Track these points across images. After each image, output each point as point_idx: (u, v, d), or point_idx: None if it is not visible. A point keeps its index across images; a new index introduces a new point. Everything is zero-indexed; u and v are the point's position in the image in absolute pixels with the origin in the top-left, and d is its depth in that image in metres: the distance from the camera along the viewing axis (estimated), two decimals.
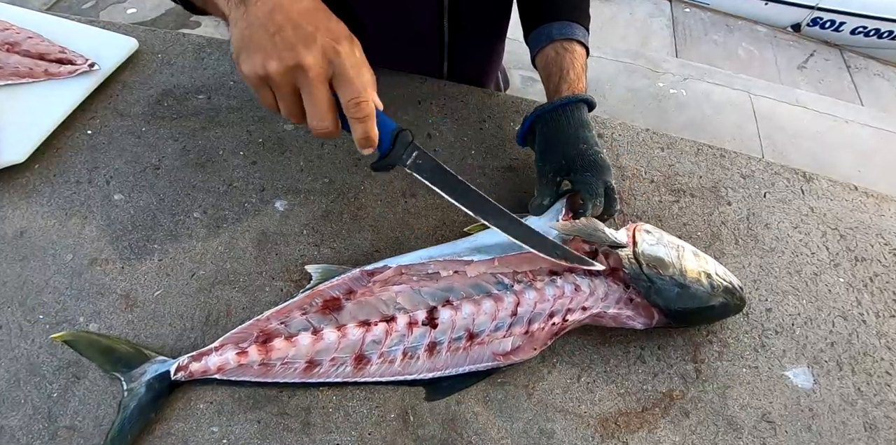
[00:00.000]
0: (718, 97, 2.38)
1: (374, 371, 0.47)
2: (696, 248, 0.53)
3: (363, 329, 0.47)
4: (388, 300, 0.49)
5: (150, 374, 0.46)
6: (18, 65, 0.60)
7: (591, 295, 0.49)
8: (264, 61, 0.38)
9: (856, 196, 0.68)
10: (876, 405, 0.52)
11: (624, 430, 0.48)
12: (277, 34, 0.38)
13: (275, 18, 0.38)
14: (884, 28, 3.22)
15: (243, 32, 0.39)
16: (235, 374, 0.46)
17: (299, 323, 0.48)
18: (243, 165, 0.59)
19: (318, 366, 0.47)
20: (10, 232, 0.53)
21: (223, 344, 0.47)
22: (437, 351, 0.48)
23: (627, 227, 0.53)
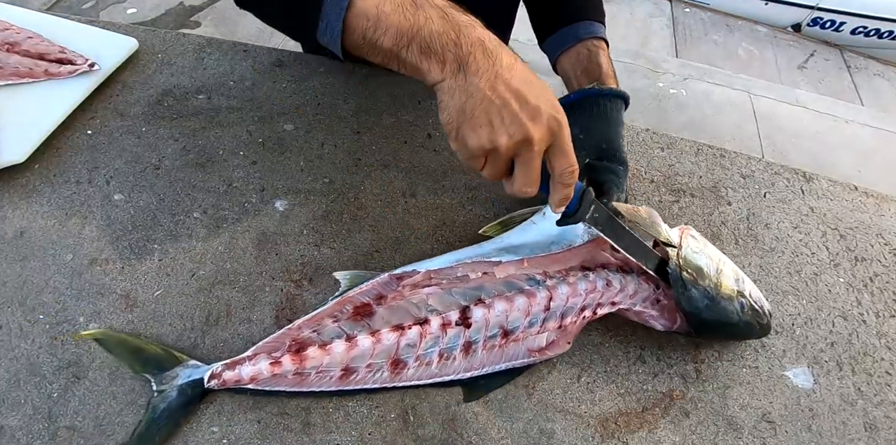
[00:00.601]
0: (718, 97, 2.38)
1: (411, 375, 0.47)
2: (734, 265, 0.53)
3: (397, 333, 0.47)
4: (420, 302, 0.48)
5: (183, 379, 0.45)
6: (18, 65, 0.60)
7: (622, 291, 0.50)
8: (492, 136, 0.38)
9: (856, 196, 0.68)
10: (876, 405, 0.52)
11: (624, 430, 0.48)
12: (504, 108, 0.37)
13: (498, 90, 0.37)
14: (884, 28, 3.22)
15: (464, 105, 0.38)
16: (269, 384, 0.46)
17: (332, 330, 0.47)
18: (243, 165, 0.59)
19: (354, 373, 0.46)
20: (10, 232, 0.53)
21: (256, 354, 0.46)
22: (473, 350, 0.48)
23: (679, 228, 0.53)
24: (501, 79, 0.38)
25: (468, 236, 0.57)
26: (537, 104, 0.38)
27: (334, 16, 0.39)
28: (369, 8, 0.38)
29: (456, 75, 0.38)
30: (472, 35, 0.38)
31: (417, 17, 0.38)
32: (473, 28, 0.38)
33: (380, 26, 0.38)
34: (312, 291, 0.52)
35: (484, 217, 0.59)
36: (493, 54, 0.38)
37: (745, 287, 0.51)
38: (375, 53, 0.40)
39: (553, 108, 0.39)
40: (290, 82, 0.67)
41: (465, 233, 0.57)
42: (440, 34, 0.38)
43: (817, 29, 3.34)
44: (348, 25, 0.39)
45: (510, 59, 0.39)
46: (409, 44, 0.38)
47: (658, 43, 3.03)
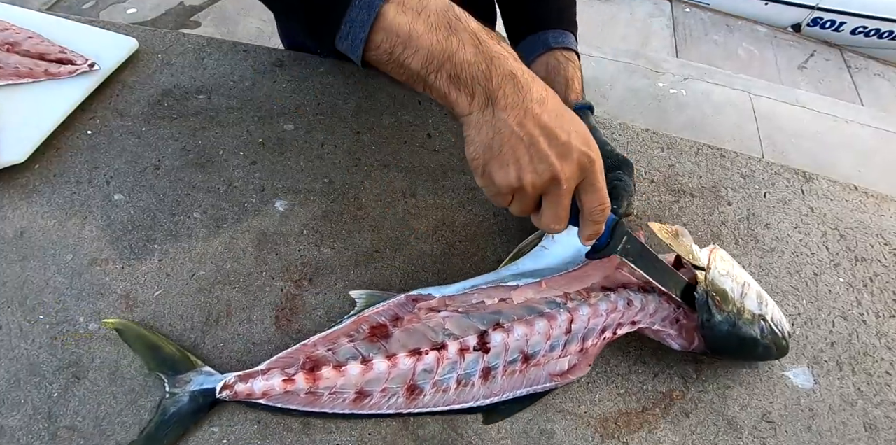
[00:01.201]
0: (718, 97, 2.38)
1: (427, 402, 0.46)
2: (759, 287, 0.52)
3: (414, 358, 0.46)
4: (436, 326, 0.47)
5: (196, 386, 0.45)
6: (18, 65, 0.60)
7: (642, 310, 0.49)
8: (520, 174, 0.37)
9: (856, 196, 0.68)
10: (876, 405, 0.52)
11: (624, 430, 0.48)
12: (532, 146, 0.36)
13: (527, 127, 0.36)
14: (884, 28, 3.22)
15: (491, 141, 0.37)
16: (282, 401, 0.45)
17: (347, 350, 0.47)
18: (243, 165, 0.59)
19: (368, 397, 0.46)
20: (10, 232, 0.53)
21: (269, 368, 0.46)
22: (493, 376, 0.47)
23: (709, 248, 0.52)
24: (531, 114, 0.36)
25: (468, 236, 0.57)
26: (567, 140, 0.37)
27: (360, 23, 0.36)
28: (401, 24, 0.36)
29: (484, 110, 0.37)
30: (504, 67, 0.36)
31: (451, 41, 0.36)
32: (506, 60, 0.37)
33: (409, 45, 0.36)
34: (312, 291, 0.52)
35: (484, 217, 0.59)
36: (523, 88, 0.36)
37: (767, 310, 0.50)
38: (400, 72, 0.38)
39: (585, 144, 0.37)
40: (290, 82, 0.67)
41: (465, 233, 0.57)
42: (471, 64, 0.36)
43: (817, 29, 3.34)
44: (373, 39, 0.37)
45: (542, 93, 0.37)
46: (438, 69, 0.36)
47: (658, 43, 3.04)
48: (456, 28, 0.36)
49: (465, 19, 0.37)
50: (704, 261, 0.50)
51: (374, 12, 0.35)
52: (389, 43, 0.36)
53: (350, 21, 0.36)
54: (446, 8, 0.37)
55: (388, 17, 0.36)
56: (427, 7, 0.36)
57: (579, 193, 0.39)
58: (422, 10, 0.36)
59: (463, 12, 0.38)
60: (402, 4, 0.36)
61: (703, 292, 0.48)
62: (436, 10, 0.36)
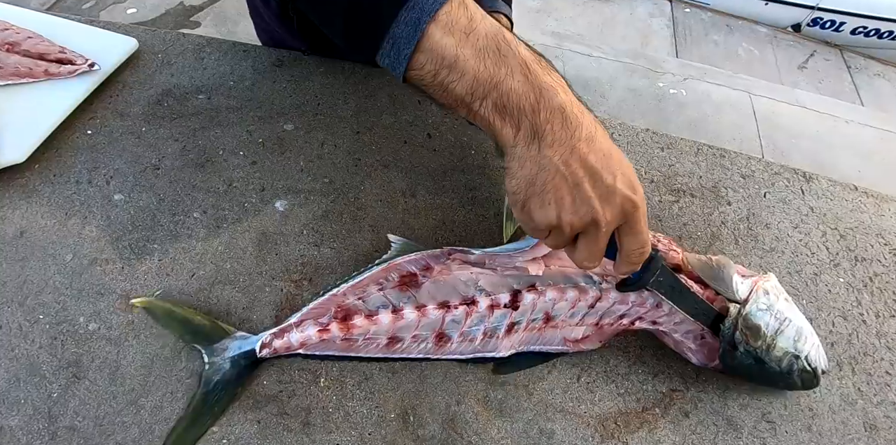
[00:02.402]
0: (718, 97, 2.38)
1: (454, 349, 0.48)
2: (806, 321, 0.49)
3: (443, 310, 0.48)
4: (469, 281, 0.48)
5: (235, 351, 0.46)
6: (18, 65, 0.60)
7: (669, 315, 0.49)
8: (560, 213, 0.36)
9: (856, 196, 0.68)
10: (876, 405, 0.52)
11: (624, 430, 0.48)
12: (576, 187, 0.35)
13: (572, 167, 0.35)
14: (884, 28, 3.22)
15: (534, 177, 0.35)
16: (319, 349, 0.47)
17: (377, 299, 0.48)
18: (243, 165, 0.59)
19: (400, 342, 0.48)
20: (10, 232, 0.53)
21: (302, 320, 0.48)
22: (516, 330, 0.49)
23: (755, 278, 0.50)
24: (578, 153, 0.35)
25: (468, 236, 0.57)
26: (612, 183, 0.35)
27: (404, 40, 0.34)
28: (447, 46, 0.34)
29: (529, 144, 0.35)
30: (554, 100, 0.35)
31: (499, 68, 0.34)
32: (556, 93, 0.35)
33: (455, 69, 0.34)
34: (312, 291, 0.52)
35: (484, 217, 0.59)
36: (572, 124, 0.35)
37: (803, 348, 0.48)
38: (443, 95, 0.36)
39: (629, 188, 0.36)
40: (290, 82, 0.67)
41: (465, 233, 0.57)
42: (519, 95, 0.34)
43: (817, 29, 3.34)
44: (417, 58, 0.35)
45: (590, 130, 0.36)
46: (484, 97, 0.35)
47: (658, 43, 3.04)
48: (505, 54, 0.35)
49: (516, 45, 0.35)
50: (744, 293, 0.49)
51: (421, 30, 0.34)
52: (434, 65, 0.35)
53: (393, 37, 0.35)
54: (496, 32, 0.35)
55: (434, 37, 0.34)
56: (476, 30, 0.35)
57: (619, 234, 0.38)
58: (470, 33, 0.34)
59: (513, 37, 0.36)
60: (450, 24, 0.34)
61: (730, 325, 0.47)
62: (485, 33, 0.35)
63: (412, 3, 0.34)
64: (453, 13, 0.34)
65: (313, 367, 0.48)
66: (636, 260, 0.39)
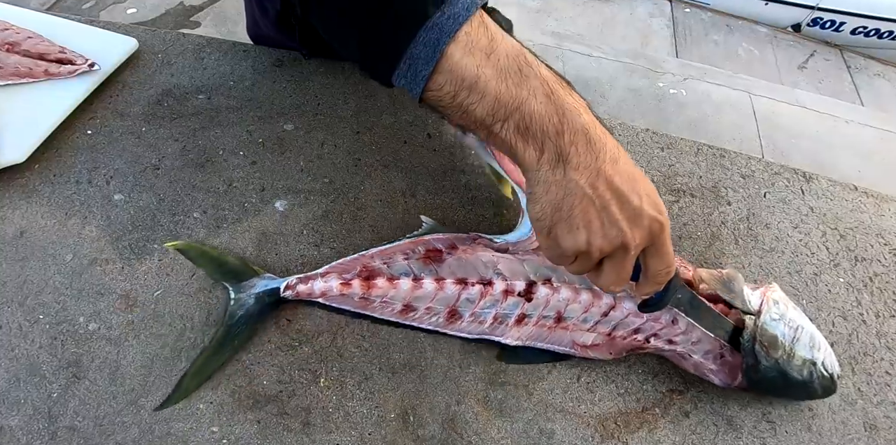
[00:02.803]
0: (718, 97, 2.38)
1: (463, 327, 0.50)
2: (815, 328, 0.50)
3: (460, 286, 0.49)
4: (489, 263, 0.50)
5: (260, 288, 0.49)
6: (18, 65, 0.60)
7: (685, 333, 0.48)
8: (590, 239, 0.35)
9: (856, 196, 0.68)
10: (876, 405, 0.52)
11: (624, 430, 0.48)
12: (604, 210, 0.34)
13: (599, 190, 0.34)
14: (884, 28, 3.22)
15: (561, 202, 0.35)
16: (337, 302, 0.50)
17: (401, 266, 0.50)
18: (243, 165, 0.59)
19: (413, 311, 0.49)
20: (10, 232, 0.53)
21: (328, 272, 0.50)
22: (526, 322, 0.49)
23: (763, 289, 0.51)
24: (603, 176, 0.34)
25: None
26: (639, 205, 0.35)
27: (423, 60, 0.33)
28: (467, 67, 0.33)
29: (554, 168, 0.34)
30: (577, 122, 0.34)
31: (521, 89, 0.33)
32: (579, 114, 0.34)
33: (475, 90, 0.33)
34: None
35: (484, 217, 0.59)
36: (596, 146, 0.34)
37: (818, 355, 0.48)
38: (462, 117, 0.35)
39: (655, 209, 0.36)
40: (290, 82, 0.67)
41: None
42: (542, 116, 0.33)
43: (817, 29, 3.34)
44: (436, 79, 0.34)
45: (614, 152, 0.35)
46: (505, 119, 0.34)
47: (658, 43, 3.04)
48: (527, 75, 0.34)
49: (537, 65, 0.35)
50: (756, 304, 0.49)
51: (440, 51, 0.33)
52: (453, 86, 0.34)
53: (411, 57, 0.34)
54: (518, 52, 0.34)
55: (453, 58, 0.33)
56: (497, 50, 0.33)
57: (644, 255, 0.38)
58: (491, 53, 0.33)
59: (534, 57, 0.35)
60: (470, 45, 0.33)
61: (749, 337, 0.47)
62: (506, 53, 0.34)
63: (431, 23, 0.33)
64: (473, 33, 0.33)
65: (313, 367, 0.48)
66: (662, 281, 0.39)
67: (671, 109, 2.28)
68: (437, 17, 0.33)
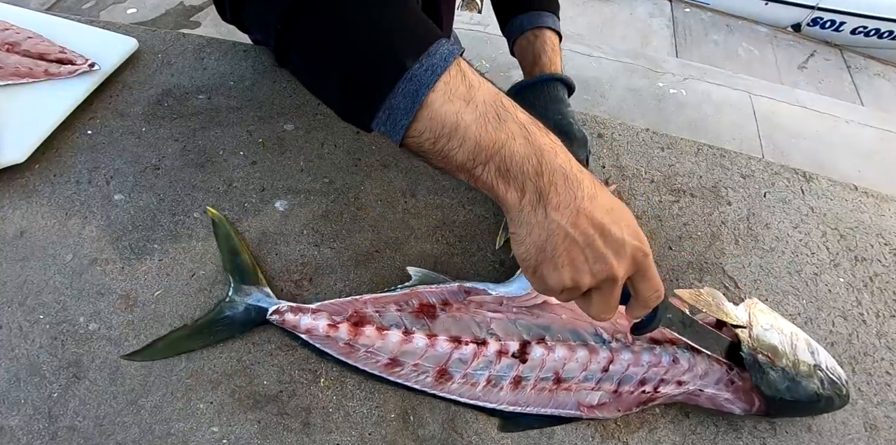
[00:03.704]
0: (718, 97, 2.38)
1: (453, 389, 0.47)
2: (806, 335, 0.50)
3: (453, 344, 0.47)
4: (482, 322, 0.48)
5: (253, 300, 0.49)
6: (18, 65, 0.60)
7: (690, 370, 0.47)
8: (576, 276, 0.36)
9: (856, 196, 0.68)
10: (876, 405, 0.52)
11: (624, 430, 0.48)
12: (588, 247, 0.35)
13: (581, 227, 0.34)
14: (884, 28, 3.22)
15: (544, 243, 0.35)
16: (321, 343, 0.48)
17: (393, 317, 0.49)
18: (243, 165, 0.59)
19: (400, 367, 0.47)
20: (10, 232, 0.53)
21: (319, 310, 0.49)
22: (523, 386, 0.47)
23: (745, 304, 0.51)
24: (584, 212, 0.34)
25: (468, 236, 0.57)
26: (622, 236, 0.35)
27: (402, 110, 0.34)
28: (448, 114, 0.33)
29: (536, 209, 0.35)
30: (555, 162, 0.34)
31: (500, 132, 0.34)
32: (555, 154, 0.35)
33: (456, 136, 0.34)
34: (312, 291, 0.52)
35: (484, 217, 0.59)
36: (574, 184, 0.35)
37: (820, 358, 0.48)
38: (443, 162, 0.36)
39: (636, 238, 0.36)
40: (290, 82, 0.67)
41: (465, 233, 0.57)
42: (521, 158, 0.34)
43: (817, 29, 3.34)
44: (416, 127, 0.34)
45: (591, 189, 0.35)
46: (486, 162, 0.34)
47: (658, 43, 3.04)
48: (505, 119, 0.34)
49: (514, 109, 0.35)
50: (744, 318, 0.49)
51: (419, 101, 0.33)
52: (433, 133, 0.34)
53: (390, 108, 0.34)
54: (495, 96, 0.35)
55: (433, 107, 0.34)
56: (475, 97, 0.34)
57: (633, 282, 0.38)
58: (470, 100, 0.34)
59: (510, 102, 0.36)
60: (449, 93, 0.34)
61: (749, 350, 0.46)
62: (483, 99, 0.34)
63: (410, 75, 0.33)
64: (452, 82, 0.34)
65: (313, 367, 0.48)
66: (652, 304, 0.39)
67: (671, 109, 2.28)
68: (416, 69, 0.33)
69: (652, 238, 0.60)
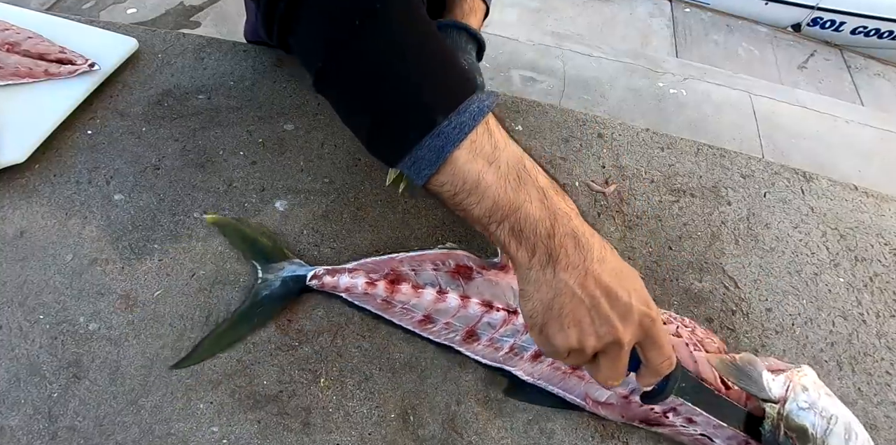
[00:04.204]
0: (718, 97, 2.38)
1: (478, 350, 0.49)
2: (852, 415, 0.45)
3: (484, 308, 0.48)
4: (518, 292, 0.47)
5: (288, 273, 0.50)
6: (18, 65, 0.60)
7: (705, 416, 0.44)
8: (581, 337, 0.36)
9: (856, 196, 0.68)
10: (876, 405, 0.52)
11: (624, 430, 0.48)
12: (594, 309, 0.35)
13: (588, 288, 0.35)
14: (884, 28, 3.22)
15: (551, 302, 0.36)
16: (360, 300, 0.50)
17: (428, 276, 0.50)
18: (243, 165, 0.59)
19: (432, 323, 0.49)
20: (10, 233, 0.53)
21: (356, 269, 0.50)
22: (541, 360, 0.48)
23: (789, 373, 0.47)
24: (592, 275, 0.35)
25: (468, 236, 0.57)
26: (628, 301, 0.35)
27: (427, 162, 0.35)
28: (471, 172, 0.35)
29: (545, 268, 0.36)
30: (568, 226, 0.35)
31: (518, 195, 0.35)
32: (570, 218, 0.36)
33: (475, 193, 0.35)
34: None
35: None
36: (584, 247, 0.35)
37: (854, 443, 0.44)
38: (460, 213, 0.37)
39: (644, 303, 0.36)
40: (290, 82, 0.67)
41: (465, 233, 0.57)
42: (536, 221, 0.35)
43: (817, 29, 3.34)
44: (438, 179, 0.36)
45: (601, 252, 0.36)
46: (502, 220, 0.36)
47: (658, 43, 3.03)
48: (525, 181, 0.36)
49: (535, 172, 0.36)
50: (778, 392, 0.45)
51: (444, 157, 0.35)
52: (454, 187, 0.36)
53: (415, 157, 0.35)
54: (518, 159, 0.36)
55: (457, 163, 0.35)
56: (499, 158, 0.35)
57: (643, 349, 0.38)
58: (494, 161, 0.35)
59: (533, 163, 0.37)
60: (475, 152, 0.35)
61: (772, 428, 0.43)
62: (507, 160, 0.36)
63: (438, 131, 0.34)
64: (479, 141, 0.35)
65: (313, 367, 0.48)
66: (663, 372, 0.39)
67: (671, 109, 2.28)
68: (444, 126, 0.34)
69: (652, 238, 0.60)
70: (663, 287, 0.57)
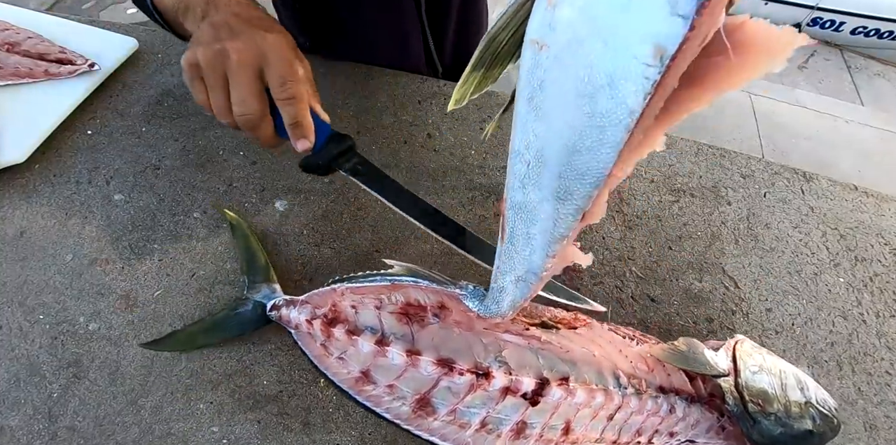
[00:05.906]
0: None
1: (434, 428, 0.37)
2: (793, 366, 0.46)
3: (441, 369, 0.37)
4: (491, 345, 0.38)
5: (259, 296, 0.48)
6: (18, 65, 0.60)
7: (682, 420, 0.43)
8: (195, 50, 0.41)
9: (856, 196, 0.68)
10: (876, 405, 0.52)
11: None
12: (216, 31, 0.42)
13: (216, 22, 0.43)
14: (884, 28, 3.22)
15: (193, 36, 0.43)
16: (303, 342, 0.43)
17: (369, 316, 0.39)
18: (243, 165, 0.59)
19: (371, 385, 0.38)
20: (10, 233, 0.53)
21: (304, 303, 0.44)
22: (526, 435, 0.37)
23: (726, 346, 0.46)
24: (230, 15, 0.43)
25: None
26: (247, 27, 0.42)
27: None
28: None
29: (202, 21, 0.44)
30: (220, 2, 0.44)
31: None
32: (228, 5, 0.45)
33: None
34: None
35: (484, 217, 0.59)
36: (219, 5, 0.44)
37: (810, 393, 0.44)
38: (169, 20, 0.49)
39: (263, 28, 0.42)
40: None
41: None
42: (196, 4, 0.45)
43: (817, 29, 3.34)
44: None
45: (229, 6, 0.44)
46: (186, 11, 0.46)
47: None
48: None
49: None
50: (725, 364, 0.44)
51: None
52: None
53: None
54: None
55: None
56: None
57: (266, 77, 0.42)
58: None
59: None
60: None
61: (735, 401, 0.42)
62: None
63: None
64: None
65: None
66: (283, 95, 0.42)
67: None
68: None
69: (652, 238, 0.60)
70: (663, 287, 0.57)
